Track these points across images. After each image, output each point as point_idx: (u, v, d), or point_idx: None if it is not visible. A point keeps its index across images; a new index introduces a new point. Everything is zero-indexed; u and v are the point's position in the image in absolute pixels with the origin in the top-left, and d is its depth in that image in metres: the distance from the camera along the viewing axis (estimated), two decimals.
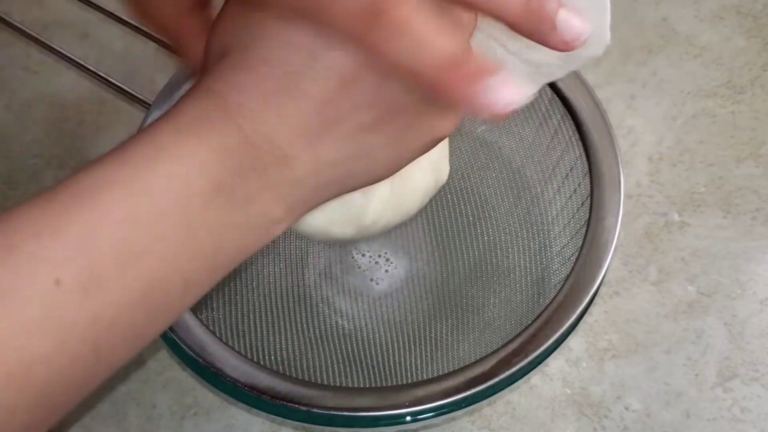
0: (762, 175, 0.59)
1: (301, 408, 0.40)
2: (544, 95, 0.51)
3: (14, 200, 0.60)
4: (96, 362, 0.25)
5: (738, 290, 0.55)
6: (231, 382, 0.41)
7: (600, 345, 0.54)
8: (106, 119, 0.64)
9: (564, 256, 0.48)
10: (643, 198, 0.59)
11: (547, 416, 0.51)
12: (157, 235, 0.26)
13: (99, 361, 0.26)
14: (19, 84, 0.66)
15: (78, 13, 0.67)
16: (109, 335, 0.25)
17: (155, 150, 0.26)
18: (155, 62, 0.66)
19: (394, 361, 0.50)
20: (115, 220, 0.25)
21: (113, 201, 0.25)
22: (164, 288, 0.26)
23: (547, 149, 0.52)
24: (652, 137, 0.62)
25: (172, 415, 0.52)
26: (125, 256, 0.25)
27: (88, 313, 0.24)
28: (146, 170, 0.26)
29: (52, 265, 0.24)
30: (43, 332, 0.24)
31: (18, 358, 0.23)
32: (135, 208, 0.25)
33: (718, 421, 0.51)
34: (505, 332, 0.47)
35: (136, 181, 0.26)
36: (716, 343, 0.53)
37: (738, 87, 0.63)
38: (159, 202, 0.26)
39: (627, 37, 0.67)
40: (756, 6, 0.68)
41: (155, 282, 0.26)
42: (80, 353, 0.25)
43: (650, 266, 0.56)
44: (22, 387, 0.23)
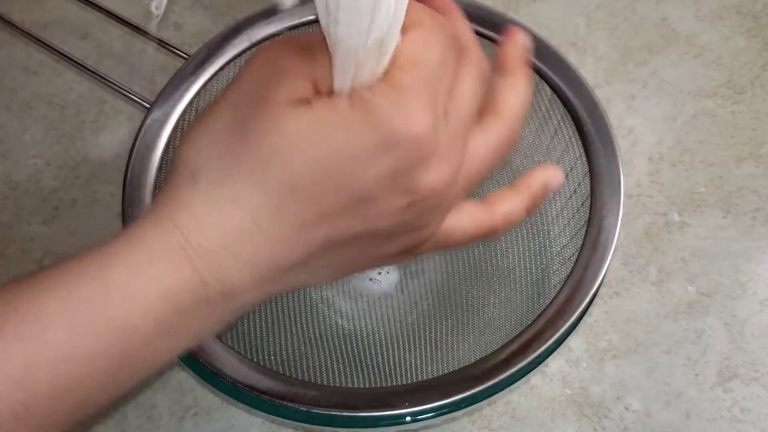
0: (762, 175, 0.59)
1: (301, 408, 0.40)
2: (544, 95, 0.51)
3: (14, 200, 0.60)
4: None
5: (738, 290, 0.55)
6: (231, 382, 0.41)
7: (600, 345, 0.54)
8: (105, 119, 0.64)
9: (564, 256, 0.48)
10: (643, 198, 0.59)
11: (547, 416, 0.51)
12: (94, 370, 0.28)
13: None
14: (19, 84, 0.65)
15: (78, 13, 0.67)
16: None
17: (105, 293, 0.28)
18: (155, 62, 0.66)
19: (394, 361, 0.50)
20: (55, 358, 0.27)
21: (57, 340, 0.27)
22: (88, 407, 0.29)
23: (547, 149, 0.52)
24: (652, 137, 0.62)
25: (171, 416, 0.52)
26: (61, 389, 0.27)
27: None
28: (93, 312, 0.27)
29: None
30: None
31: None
32: (77, 349, 0.27)
33: (718, 422, 0.51)
34: (505, 332, 0.47)
35: (81, 322, 0.27)
36: (716, 344, 0.53)
37: (738, 87, 0.63)
38: (101, 343, 0.27)
39: (627, 37, 0.66)
40: (756, 6, 0.68)
41: (82, 405, 0.29)
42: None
43: (650, 266, 0.56)
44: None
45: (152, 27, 0.35)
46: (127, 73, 0.65)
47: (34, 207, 0.60)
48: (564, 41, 0.66)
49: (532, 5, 0.68)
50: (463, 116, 0.30)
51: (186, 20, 0.68)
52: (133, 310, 0.28)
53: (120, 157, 0.62)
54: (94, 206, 0.60)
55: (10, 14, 0.55)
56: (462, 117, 0.30)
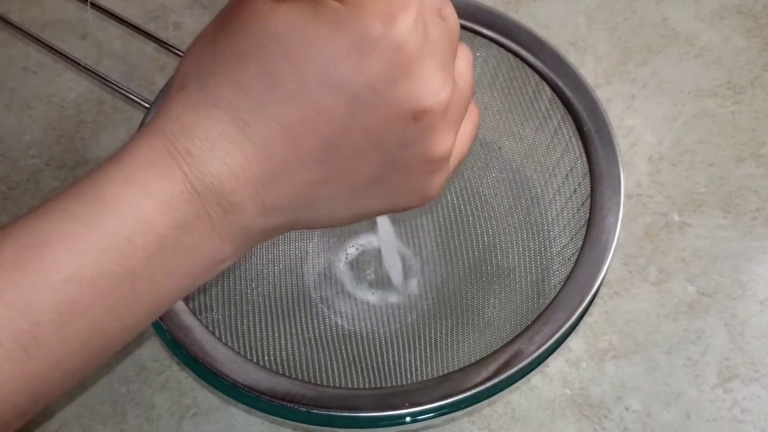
0: (762, 175, 0.59)
1: (301, 408, 0.40)
2: (544, 95, 0.50)
3: (13, 200, 0.60)
4: (34, 406, 0.27)
5: (738, 290, 0.55)
6: (230, 382, 0.41)
7: (600, 345, 0.54)
8: (105, 119, 0.64)
9: (564, 256, 0.48)
10: (643, 198, 0.59)
11: (547, 417, 0.51)
12: (99, 291, 0.26)
13: (36, 404, 0.27)
14: (18, 84, 0.65)
15: (77, 13, 0.67)
16: (47, 384, 0.27)
17: (100, 205, 0.27)
18: (154, 62, 0.66)
19: (394, 361, 0.50)
20: (58, 281, 0.26)
21: (57, 261, 0.26)
22: (103, 336, 0.27)
23: (547, 149, 0.52)
24: (652, 137, 0.62)
25: (171, 416, 0.52)
26: (66, 315, 0.26)
27: (28, 369, 0.26)
28: (90, 227, 0.26)
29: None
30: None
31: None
32: (78, 268, 0.26)
33: (719, 422, 0.51)
34: (504, 333, 0.47)
35: (80, 239, 0.26)
36: (716, 344, 0.53)
37: (738, 87, 0.63)
38: (102, 261, 0.26)
39: (627, 37, 0.66)
40: (756, 6, 0.67)
41: (94, 332, 0.27)
42: (18, 403, 0.26)
43: (650, 266, 0.56)
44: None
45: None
46: (126, 73, 0.65)
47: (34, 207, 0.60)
48: (564, 41, 0.66)
49: (532, 5, 0.68)
50: (449, 38, 0.29)
51: (185, 20, 0.68)
52: (130, 225, 0.27)
53: None
54: None
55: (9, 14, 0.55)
56: (447, 39, 0.29)
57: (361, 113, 0.27)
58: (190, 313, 0.43)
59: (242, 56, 0.27)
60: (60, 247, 0.26)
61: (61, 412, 0.52)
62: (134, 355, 0.54)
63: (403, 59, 0.27)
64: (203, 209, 0.28)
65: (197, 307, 0.45)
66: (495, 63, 0.53)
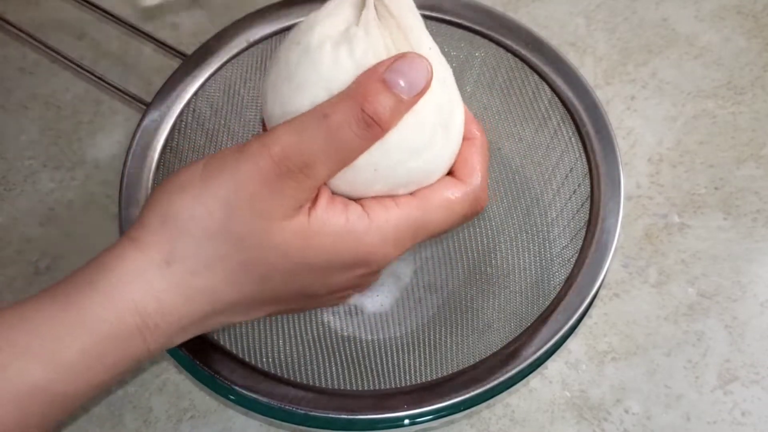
0: (763, 177, 0.59)
1: (299, 411, 0.40)
2: (544, 95, 0.50)
3: (10, 201, 0.60)
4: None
5: (739, 292, 0.55)
6: (228, 385, 0.41)
7: (600, 347, 0.53)
8: (102, 120, 0.63)
9: (564, 257, 0.48)
10: (643, 199, 0.59)
11: (547, 419, 0.51)
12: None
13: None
14: (15, 84, 0.65)
15: (74, 13, 0.67)
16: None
17: (51, 369, 0.30)
18: (152, 62, 0.66)
19: (393, 363, 0.50)
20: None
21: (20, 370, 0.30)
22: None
23: (547, 150, 0.52)
24: (652, 138, 0.61)
25: (168, 419, 0.52)
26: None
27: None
28: (32, 389, 0.30)
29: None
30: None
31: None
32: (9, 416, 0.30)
33: (719, 424, 0.51)
34: (504, 334, 0.47)
35: (14, 395, 0.30)
36: (717, 346, 0.53)
37: (738, 88, 0.63)
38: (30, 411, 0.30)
39: (627, 37, 0.66)
40: (756, 6, 0.67)
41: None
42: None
43: (650, 268, 0.56)
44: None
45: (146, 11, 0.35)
46: (123, 74, 0.65)
47: (30, 208, 0.59)
48: (564, 41, 0.66)
49: (532, 5, 0.68)
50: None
51: (183, 20, 0.68)
52: (77, 385, 0.30)
53: (117, 158, 0.61)
54: (91, 207, 0.59)
55: (6, 14, 0.55)
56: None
57: (320, 302, 0.37)
58: None
59: (249, 264, 0.32)
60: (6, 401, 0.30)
61: None
62: None
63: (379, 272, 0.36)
64: (146, 358, 0.32)
65: None
66: (495, 63, 0.52)
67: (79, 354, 0.30)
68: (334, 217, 0.32)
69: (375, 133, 0.31)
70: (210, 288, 0.32)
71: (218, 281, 0.32)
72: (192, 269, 0.31)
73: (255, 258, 0.32)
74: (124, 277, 0.31)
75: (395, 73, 0.31)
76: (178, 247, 0.31)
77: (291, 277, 0.33)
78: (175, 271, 0.31)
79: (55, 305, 0.31)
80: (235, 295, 0.32)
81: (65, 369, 0.30)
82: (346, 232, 0.32)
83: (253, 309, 0.34)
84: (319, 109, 0.31)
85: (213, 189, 0.31)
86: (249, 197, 0.31)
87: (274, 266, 0.32)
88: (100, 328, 0.30)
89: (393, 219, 0.33)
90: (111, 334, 0.30)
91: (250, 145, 0.31)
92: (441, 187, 0.34)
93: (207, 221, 0.31)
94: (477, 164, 0.35)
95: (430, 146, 0.33)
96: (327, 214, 0.32)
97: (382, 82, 0.31)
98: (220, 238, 0.31)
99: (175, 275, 0.31)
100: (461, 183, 0.35)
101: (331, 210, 0.32)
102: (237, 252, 0.31)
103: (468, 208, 0.35)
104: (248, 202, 0.31)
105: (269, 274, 0.32)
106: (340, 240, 0.32)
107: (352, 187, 0.33)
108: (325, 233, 0.32)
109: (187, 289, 0.31)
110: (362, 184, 0.33)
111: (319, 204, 0.32)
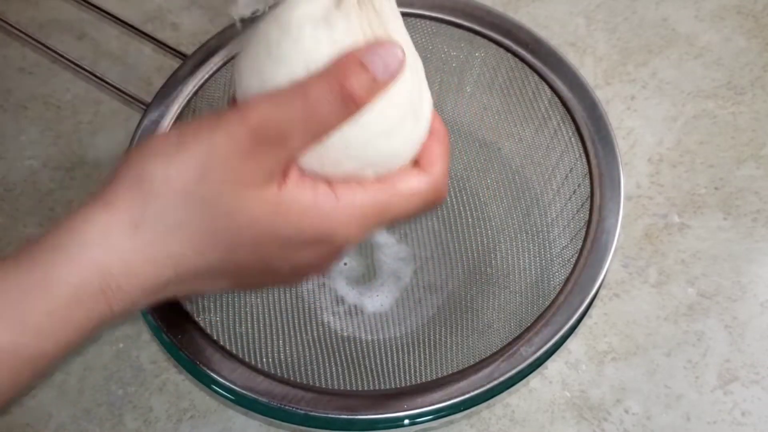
0: (763, 177, 0.59)
1: (299, 411, 0.40)
2: (544, 95, 0.50)
3: (10, 201, 0.60)
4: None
5: (739, 292, 0.55)
6: (228, 385, 0.41)
7: (599, 347, 0.53)
8: (102, 120, 0.63)
9: (564, 257, 0.48)
10: (643, 199, 0.59)
11: (546, 419, 0.51)
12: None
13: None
14: (15, 84, 0.65)
15: (74, 13, 0.67)
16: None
17: (20, 328, 0.30)
18: (152, 63, 0.66)
19: (393, 363, 0.50)
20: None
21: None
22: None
23: (547, 150, 0.52)
24: (652, 138, 0.61)
25: (168, 418, 0.52)
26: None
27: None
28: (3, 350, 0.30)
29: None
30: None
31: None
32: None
33: (719, 424, 0.51)
34: (504, 334, 0.47)
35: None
36: (717, 346, 0.53)
37: (738, 88, 0.63)
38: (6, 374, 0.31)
39: (627, 37, 0.66)
40: (756, 6, 0.67)
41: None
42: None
43: (650, 268, 0.56)
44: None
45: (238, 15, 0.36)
46: (123, 74, 0.65)
47: (30, 209, 0.59)
48: (564, 41, 0.66)
49: (532, 5, 0.68)
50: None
51: (183, 20, 0.68)
52: (43, 348, 0.31)
53: (116, 158, 0.61)
54: None
55: (6, 14, 0.55)
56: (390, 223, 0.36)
57: (283, 278, 0.37)
58: (188, 315, 0.43)
59: (216, 231, 0.32)
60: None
61: (58, 415, 0.52)
62: (132, 358, 0.54)
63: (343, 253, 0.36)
64: (110, 321, 0.32)
65: (195, 309, 0.45)
66: (494, 63, 0.52)
67: (44, 316, 0.30)
68: (302, 193, 0.33)
69: (350, 110, 0.32)
70: (177, 253, 0.32)
71: (185, 246, 0.32)
72: (160, 233, 0.31)
73: (224, 224, 0.32)
74: (90, 239, 0.31)
75: (372, 56, 0.32)
76: (148, 210, 0.31)
77: (257, 249, 0.33)
78: (143, 234, 0.31)
79: (20, 268, 0.31)
80: (201, 262, 0.32)
81: (32, 331, 0.30)
82: (313, 207, 0.33)
83: (216, 280, 0.34)
84: (298, 85, 0.32)
85: (187, 154, 0.31)
86: (223, 163, 0.31)
87: (241, 235, 0.32)
88: (65, 290, 0.30)
89: (359, 201, 0.34)
90: (75, 295, 0.30)
91: (227, 114, 0.32)
92: (406, 174, 0.35)
93: (179, 185, 0.31)
94: (440, 156, 0.36)
95: (400, 129, 0.34)
96: (297, 189, 0.33)
97: (360, 63, 0.32)
98: (191, 202, 0.31)
99: (142, 237, 0.31)
100: (425, 172, 0.36)
101: (301, 186, 0.33)
102: (207, 217, 0.32)
103: (430, 197, 0.36)
104: (221, 168, 0.31)
105: (237, 243, 0.32)
106: (307, 215, 0.33)
107: (322, 163, 0.34)
108: (294, 207, 0.32)
109: (154, 252, 0.31)
110: (332, 160, 0.34)
111: (289, 179, 0.33)
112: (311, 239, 0.34)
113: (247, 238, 0.32)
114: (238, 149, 0.31)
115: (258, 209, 0.32)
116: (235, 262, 0.33)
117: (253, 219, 0.32)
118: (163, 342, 0.42)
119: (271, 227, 0.32)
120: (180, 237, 0.32)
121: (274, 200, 0.32)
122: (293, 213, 0.33)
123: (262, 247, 0.33)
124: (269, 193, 0.32)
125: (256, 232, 0.32)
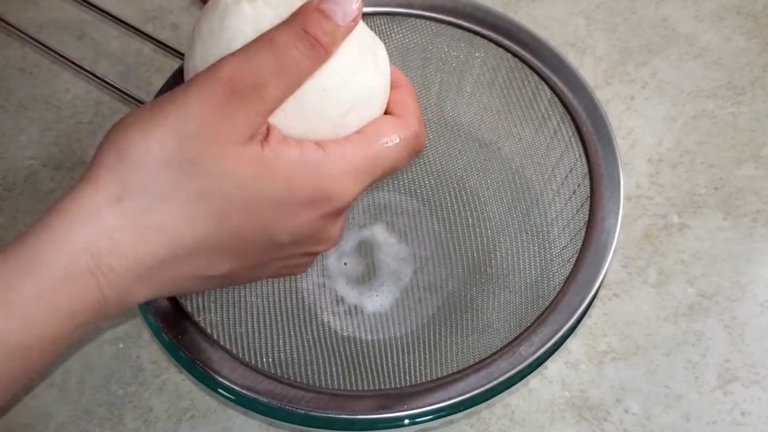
0: (762, 177, 0.59)
1: (299, 411, 0.40)
2: (544, 96, 0.50)
3: (10, 201, 0.60)
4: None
5: (738, 292, 0.55)
6: (228, 384, 0.41)
7: (599, 347, 0.53)
8: (102, 120, 0.63)
9: (563, 257, 0.48)
10: (643, 199, 0.59)
11: (546, 419, 0.51)
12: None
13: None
14: (15, 84, 0.65)
15: (74, 13, 0.67)
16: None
17: (5, 316, 0.29)
18: (152, 63, 0.66)
19: (393, 363, 0.50)
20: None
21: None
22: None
23: (547, 150, 0.52)
24: (652, 138, 0.61)
25: (168, 418, 0.52)
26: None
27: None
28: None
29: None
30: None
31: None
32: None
33: (719, 425, 0.51)
34: (504, 334, 0.47)
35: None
36: (716, 346, 0.53)
37: (738, 88, 0.63)
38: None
39: (627, 37, 0.66)
40: (756, 6, 0.67)
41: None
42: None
43: (650, 268, 0.56)
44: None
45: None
46: (123, 74, 0.65)
47: (31, 209, 0.59)
48: (563, 41, 0.66)
49: (532, 5, 0.68)
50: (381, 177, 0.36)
51: (183, 20, 0.68)
52: (34, 336, 0.29)
53: None
54: None
55: (6, 14, 0.55)
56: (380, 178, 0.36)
57: (278, 254, 0.35)
58: (188, 315, 0.43)
59: (203, 194, 0.31)
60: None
61: (58, 415, 0.52)
62: (132, 358, 0.54)
63: (338, 215, 0.35)
64: (103, 312, 0.31)
65: (195, 309, 0.45)
66: (494, 63, 0.52)
67: (32, 300, 0.29)
68: (287, 149, 0.32)
69: (319, 54, 0.32)
70: (167, 225, 0.31)
71: (174, 216, 0.31)
72: (145, 204, 0.31)
73: (209, 187, 0.31)
74: (78, 219, 0.30)
75: (330, 3, 0.32)
76: (130, 182, 0.31)
77: (250, 214, 0.32)
78: (128, 207, 0.30)
79: (8, 253, 0.30)
80: (194, 234, 0.31)
81: (19, 317, 0.29)
82: (301, 162, 0.32)
83: (216, 259, 0.33)
84: (263, 35, 0.32)
85: (162, 120, 0.31)
86: (200, 124, 0.30)
87: (229, 198, 0.31)
88: (53, 273, 0.29)
89: (348, 153, 0.33)
90: (64, 279, 0.29)
91: (197, 76, 0.31)
92: (383, 122, 0.36)
93: (158, 152, 0.30)
94: (410, 104, 0.37)
95: (364, 66, 0.35)
96: (280, 146, 0.32)
97: (320, 11, 0.32)
98: (173, 168, 0.30)
99: (128, 211, 0.30)
100: (400, 118, 0.36)
101: (285, 143, 0.32)
102: (190, 181, 0.31)
103: (411, 142, 0.36)
104: (199, 129, 0.30)
105: (226, 209, 0.31)
106: (296, 171, 0.32)
107: (303, 115, 0.34)
108: (281, 165, 0.32)
109: (142, 226, 0.30)
110: (312, 109, 0.33)
111: (271, 137, 0.32)
112: (306, 199, 0.33)
113: (237, 202, 0.31)
114: (213, 103, 0.30)
115: (242, 169, 0.31)
116: (231, 232, 0.32)
117: (239, 181, 0.31)
118: (164, 342, 0.42)
119: (258, 188, 0.31)
120: (167, 206, 0.31)
121: (257, 158, 0.31)
122: (281, 171, 0.32)
123: (256, 213, 0.32)
124: (252, 150, 0.31)
125: (245, 194, 0.31)
